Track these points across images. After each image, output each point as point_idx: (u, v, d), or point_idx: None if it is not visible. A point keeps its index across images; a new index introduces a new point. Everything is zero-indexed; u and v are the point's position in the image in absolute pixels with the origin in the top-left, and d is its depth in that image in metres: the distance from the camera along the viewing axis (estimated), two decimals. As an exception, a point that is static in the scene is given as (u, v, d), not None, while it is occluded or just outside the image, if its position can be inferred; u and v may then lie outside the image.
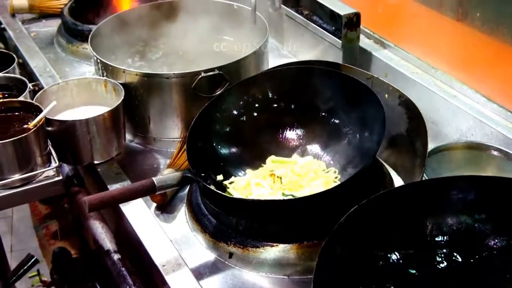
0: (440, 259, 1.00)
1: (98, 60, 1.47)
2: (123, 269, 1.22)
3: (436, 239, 1.01)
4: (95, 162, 1.37)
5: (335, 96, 1.30)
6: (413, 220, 1.00)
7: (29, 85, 1.45)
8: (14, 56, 1.59)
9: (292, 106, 1.35)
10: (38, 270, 2.11)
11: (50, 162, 1.31)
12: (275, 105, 1.35)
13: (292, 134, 1.35)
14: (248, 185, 1.23)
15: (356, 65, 1.38)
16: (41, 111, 1.29)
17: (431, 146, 1.23)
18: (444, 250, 1.00)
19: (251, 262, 1.13)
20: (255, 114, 1.34)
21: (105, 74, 1.46)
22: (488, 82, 1.33)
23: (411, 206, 1.00)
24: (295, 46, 1.75)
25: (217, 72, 1.38)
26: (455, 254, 1.00)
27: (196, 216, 1.22)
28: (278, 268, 1.12)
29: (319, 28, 1.58)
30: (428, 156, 1.15)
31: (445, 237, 1.01)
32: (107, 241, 1.28)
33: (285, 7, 1.70)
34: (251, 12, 1.58)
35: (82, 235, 1.64)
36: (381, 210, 0.98)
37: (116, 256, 1.24)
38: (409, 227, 1.00)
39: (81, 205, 1.34)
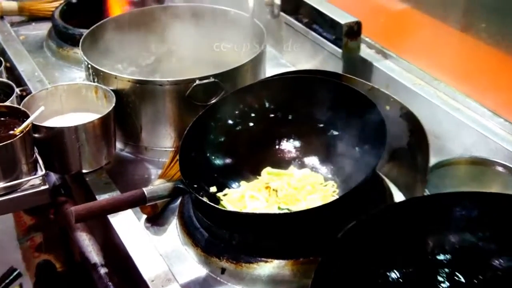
0: (441, 279, 0.99)
1: (89, 65, 1.46)
2: (110, 283, 1.21)
3: (438, 257, 1.00)
4: (84, 171, 1.36)
5: (335, 107, 1.30)
6: (413, 237, 1.00)
7: (17, 90, 1.44)
8: (1, 59, 1.59)
9: (290, 117, 1.35)
10: (20, 284, 2.09)
11: (36, 170, 1.30)
12: (272, 115, 1.35)
13: (289, 146, 1.35)
14: (242, 197, 1.23)
15: (356, 76, 1.38)
16: (28, 116, 1.28)
17: (433, 160, 1.22)
18: (446, 270, 1.00)
19: (244, 278, 1.12)
20: (251, 124, 1.34)
21: (96, 80, 1.46)
22: (493, 95, 1.33)
23: (412, 223, 0.99)
24: (294, 55, 1.75)
25: (213, 80, 1.38)
26: (457, 274, 0.99)
27: (188, 229, 1.21)
28: (272, 285, 1.11)
29: (319, 37, 1.59)
30: (430, 171, 1.15)
31: (447, 256, 1.00)
32: (94, 254, 1.27)
33: (284, 15, 1.71)
34: (249, 19, 1.58)
35: (68, 247, 1.63)
36: (380, 226, 0.98)
37: (103, 270, 1.23)
38: (410, 245, 1.00)
39: (67, 215, 1.33)
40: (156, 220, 1.29)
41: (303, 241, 1.13)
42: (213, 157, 1.30)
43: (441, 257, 1.00)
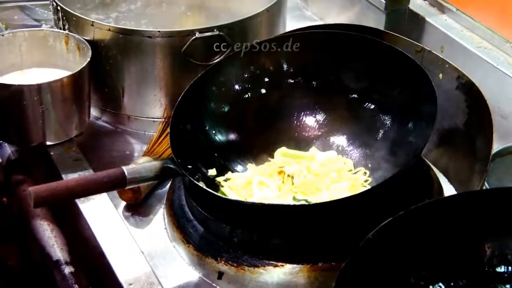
0: (501, 297, 1.00)
1: (58, 7, 1.47)
2: (76, 286, 1.23)
3: (497, 269, 1.01)
4: (48, 143, 1.38)
5: (372, 73, 1.30)
6: (466, 242, 1.00)
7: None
8: None
9: (314, 83, 1.36)
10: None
11: (-14, 140, 1.33)
12: (291, 81, 1.36)
13: (311, 121, 1.36)
14: (249, 184, 1.24)
15: (403, 34, 1.38)
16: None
17: (497, 146, 1.23)
18: (508, 286, 1.00)
19: (246, 285, 1.14)
20: (264, 91, 1.35)
21: (67, 27, 1.47)
22: None
23: (465, 223, 1.00)
24: (323, 5, 1.75)
25: (217, 32, 1.38)
26: (521, 291, 1.00)
27: (178, 222, 1.23)
28: (282, 296, 1.13)
29: (356, -18, 1.60)
30: (492, 160, 1.16)
31: (510, 268, 1.01)
32: (56, 249, 1.29)
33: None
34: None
35: (24, 239, 1.65)
36: (423, 225, 0.98)
37: (67, 269, 1.25)
38: (461, 251, 1.00)
39: (24, 198, 1.35)
40: (138, 208, 1.30)
41: (324, 241, 1.14)
42: (213, 132, 1.31)
43: (501, 269, 1.01)
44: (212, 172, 1.26)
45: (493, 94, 1.28)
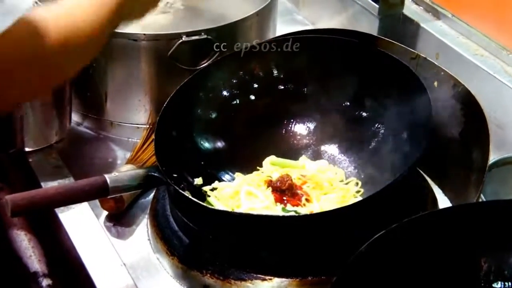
0: (498, 315, 1.00)
1: (37, 2, 1.47)
2: (55, 299, 1.22)
3: (494, 285, 1.01)
4: (26, 149, 1.37)
5: (365, 80, 1.30)
6: (462, 255, 1.01)
7: None
8: None
9: (305, 90, 1.36)
10: None
11: (-38, 146, 1.32)
12: (281, 87, 1.36)
13: (301, 128, 1.36)
14: (237, 194, 1.24)
15: (397, 40, 1.38)
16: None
17: (493, 157, 1.23)
18: (505, 303, 1.01)
19: (233, 300, 1.13)
20: (253, 97, 1.35)
21: None
22: None
23: (460, 237, 1.00)
24: (314, 9, 1.76)
25: (204, 36, 1.38)
26: (519, 309, 1.00)
27: (162, 233, 1.22)
28: (270, 311, 1.12)
29: (349, -14, 1.60)
30: (488, 170, 1.16)
31: (507, 284, 1.01)
32: (34, 260, 1.28)
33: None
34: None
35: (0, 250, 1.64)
36: (417, 239, 0.98)
37: (45, 282, 1.24)
38: (456, 266, 1.00)
39: (1, 207, 1.33)
40: (120, 218, 1.30)
41: (314, 254, 1.13)
42: (200, 139, 1.31)
43: (498, 285, 1.01)
44: (198, 181, 1.26)
45: (490, 103, 1.28)
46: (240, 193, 1.24)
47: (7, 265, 1.51)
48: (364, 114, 1.32)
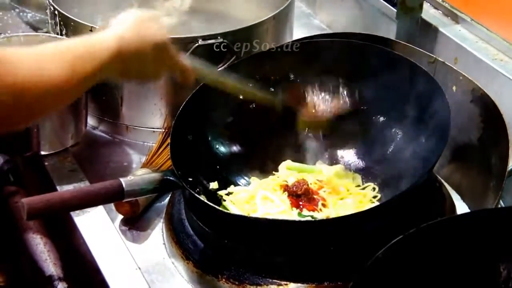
0: (517, 321, 1.00)
1: (56, 12, 1.48)
2: (70, 303, 1.23)
3: (513, 292, 1.01)
4: (42, 152, 1.38)
5: (383, 85, 1.30)
6: (480, 262, 1.00)
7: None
8: None
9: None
10: None
11: (-23, 149, 1.33)
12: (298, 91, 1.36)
13: (318, 133, 1.36)
14: (252, 198, 1.24)
15: (415, 44, 1.39)
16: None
17: (512, 163, 1.23)
18: (524, 310, 1.00)
19: (248, 305, 1.14)
20: (269, 101, 1.36)
21: (64, 33, 1.47)
22: None
23: (479, 243, 1.00)
24: (331, 13, 1.76)
25: (221, 40, 1.39)
26: (539, 315, 1.00)
27: (177, 237, 1.23)
28: (285, 316, 1.12)
29: (366, -10, 1.60)
30: (508, 176, 1.15)
31: (527, 290, 1.00)
32: (49, 264, 1.28)
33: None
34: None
35: (16, 254, 1.65)
36: (435, 244, 0.98)
37: (60, 285, 1.25)
38: (475, 272, 1.00)
39: (17, 210, 1.34)
40: (135, 222, 1.30)
41: (330, 259, 1.13)
42: (216, 143, 1.31)
43: (517, 292, 1.01)
44: (214, 185, 1.26)
45: (509, 108, 1.28)
46: (256, 198, 1.24)
47: (22, 269, 1.52)
48: (382, 118, 1.32)
